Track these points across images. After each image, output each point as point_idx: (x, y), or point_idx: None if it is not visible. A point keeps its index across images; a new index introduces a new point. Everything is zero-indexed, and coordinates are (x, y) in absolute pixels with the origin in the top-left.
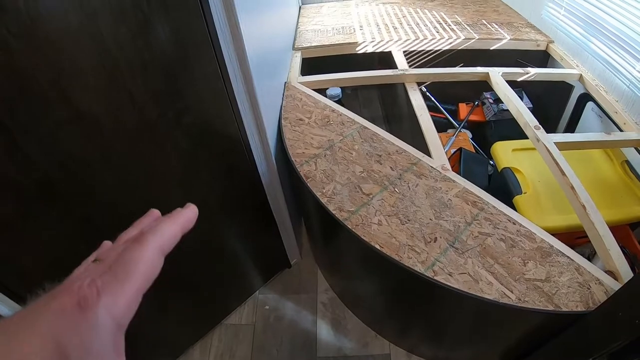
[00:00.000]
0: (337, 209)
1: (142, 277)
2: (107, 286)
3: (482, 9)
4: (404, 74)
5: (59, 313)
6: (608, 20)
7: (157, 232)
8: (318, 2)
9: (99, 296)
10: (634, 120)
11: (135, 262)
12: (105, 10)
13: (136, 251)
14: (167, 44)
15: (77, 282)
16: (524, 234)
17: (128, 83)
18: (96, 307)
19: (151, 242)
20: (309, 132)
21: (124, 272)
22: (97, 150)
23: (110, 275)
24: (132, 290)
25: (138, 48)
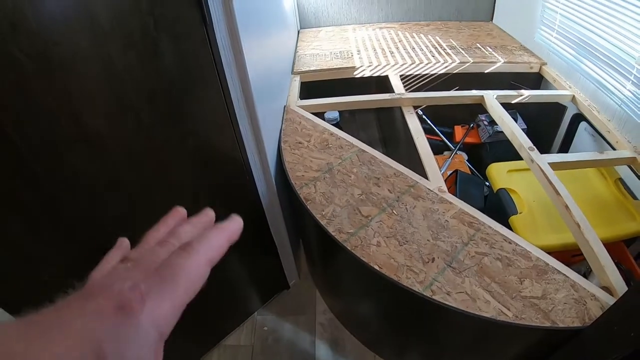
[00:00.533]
0: (337, 230)
1: (189, 287)
2: (152, 291)
3: (476, 32)
4: (400, 98)
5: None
6: (599, 42)
7: (207, 243)
8: (316, 27)
9: (143, 302)
10: (626, 138)
11: (184, 270)
12: (116, 35)
13: (185, 259)
14: (173, 69)
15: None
16: (519, 253)
17: (135, 106)
18: (140, 313)
19: (201, 252)
20: (308, 155)
21: (172, 279)
22: (103, 171)
23: (155, 281)
24: (178, 299)
25: (146, 72)
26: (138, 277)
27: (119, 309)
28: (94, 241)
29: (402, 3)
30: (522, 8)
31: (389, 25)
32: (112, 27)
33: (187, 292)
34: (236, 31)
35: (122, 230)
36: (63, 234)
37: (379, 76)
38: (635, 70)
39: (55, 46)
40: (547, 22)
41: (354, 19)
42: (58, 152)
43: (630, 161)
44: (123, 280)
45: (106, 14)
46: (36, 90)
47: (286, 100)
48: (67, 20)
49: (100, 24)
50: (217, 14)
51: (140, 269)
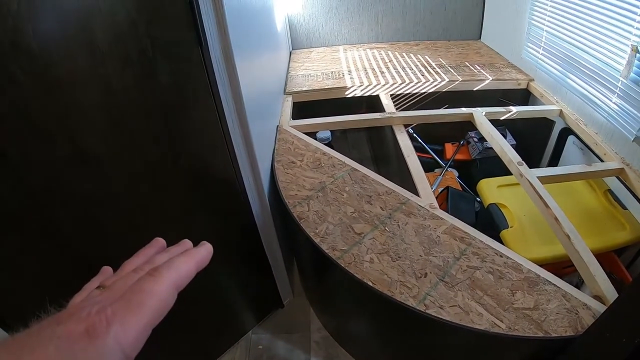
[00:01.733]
0: (330, 248)
1: (155, 311)
2: (117, 315)
3: (464, 51)
4: (391, 117)
5: (66, 339)
6: (584, 57)
7: (173, 268)
8: (308, 47)
9: (109, 325)
10: (613, 150)
11: (149, 294)
12: (113, 56)
13: (151, 283)
14: (169, 90)
15: (85, 309)
16: (511, 266)
17: (131, 125)
18: (106, 335)
19: (166, 277)
20: (301, 175)
21: (137, 303)
22: (98, 188)
23: (121, 305)
24: (143, 322)
25: (142, 93)
26: (106, 302)
27: (86, 333)
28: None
29: (391, 23)
30: (509, 26)
31: (379, 45)
32: (109, 49)
33: (153, 315)
34: (230, 53)
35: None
36: (59, 250)
37: (370, 95)
38: (620, 84)
39: (54, 66)
40: (534, 39)
41: (345, 39)
42: (55, 170)
43: (618, 172)
44: (92, 305)
45: (104, 35)
46: (35, 109)
47: (279, 120)
48: (67, 41)
49: (98, 45)
50: (212, 36)
51: (110, 294)
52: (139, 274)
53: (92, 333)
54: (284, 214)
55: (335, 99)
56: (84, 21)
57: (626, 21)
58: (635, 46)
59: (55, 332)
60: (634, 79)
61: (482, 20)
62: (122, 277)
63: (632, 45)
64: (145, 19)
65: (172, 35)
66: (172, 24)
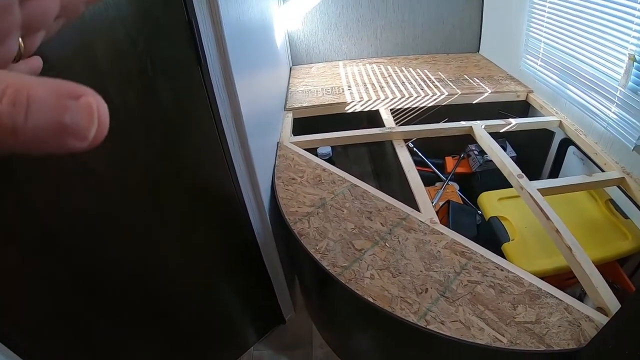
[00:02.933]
0: (331, 264)
1: None
2: None
3: (463, 64)
4: (391, 132)
5: None
6: (582, 67)
7: None
8: (308, 63)
9: None
10: (614, 159)
11: None
12: (114, 74)
13: None
14: (169, 107)
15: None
16: (512, 280)
17: (132, 142)
18: None
19: None
20: (301, 191)
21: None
22: (100, 204)
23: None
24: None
25: (143, 110)
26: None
27: None
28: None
29: (391, 38)
30: (507, 38)
31: (378, 59)
32: (110, 67)
33: None
34: (230, 71)
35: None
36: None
37: (370, 110)
38: (618, 93)
39: None
40: (532, 50)
41: (344, 54)
42: (56, 186)
43: (619, 182)
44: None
45: (105, 53)
46: None
47: (279, 137)
48: (67, 59)
49: (99, 63)
50: (212, 55)
51: None
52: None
53: None
54: (284, 230)
55: (335, 114)
56: (84, 39)
57: (623, 30)
58: (632, 55)
59: None
60: (632, 88)
61: (480, 33)
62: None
63: (629, 54)
64: (145, 37)
65: (172, 54)
66: (171, 43)
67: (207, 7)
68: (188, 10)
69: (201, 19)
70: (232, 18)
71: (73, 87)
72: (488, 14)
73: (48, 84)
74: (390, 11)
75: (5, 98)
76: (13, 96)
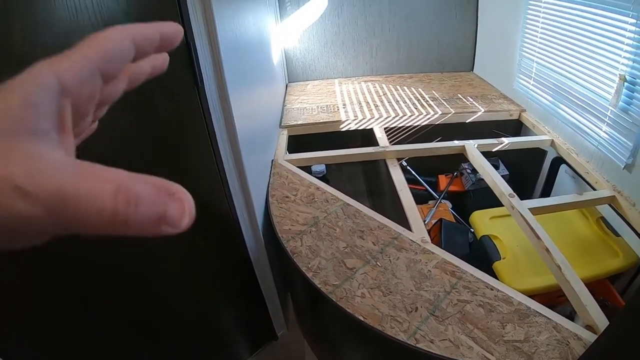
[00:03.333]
0: (322, 283)
1: (94, 48)
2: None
3: (457, 83)
4: (384, 151)
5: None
6: (574, 87)
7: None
8: (304, 80)
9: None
10: (605, 178)
11: (95, 37)
12: None
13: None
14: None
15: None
16: (501, 299)
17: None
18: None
19: (117, 27)
20: (295, 209)
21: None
22: None
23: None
24: (78, 56)
25: (139, 131)
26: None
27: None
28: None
29: (386, 56)
30: (500, 58)
31: (373, 78)
32: None
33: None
34: (226, 92)
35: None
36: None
37: (365, 129)
38: (609, 112)
39: None
40: (525, 70)
41: (340, 72)
42: None
43: (610, 200)
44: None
45: None
46: None
47: (274, 154)
48: None
49: None
50: (209, 76)
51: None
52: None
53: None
54: (277, 248)
55: (330, 132)
56: None
57: (614, 51)
58: (623, 75)
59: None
60: (622, 108)
61: (474, 53)
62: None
63: (620, 75)
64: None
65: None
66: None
67: (206, 30)
68: (186, 32)
69: (199, 42)
70: (230, 38)
71: (169, 185)
72: (482, 34)
73: (149, 183)
74: (385, 30)
75: (120, 197)
76: (126, 195)
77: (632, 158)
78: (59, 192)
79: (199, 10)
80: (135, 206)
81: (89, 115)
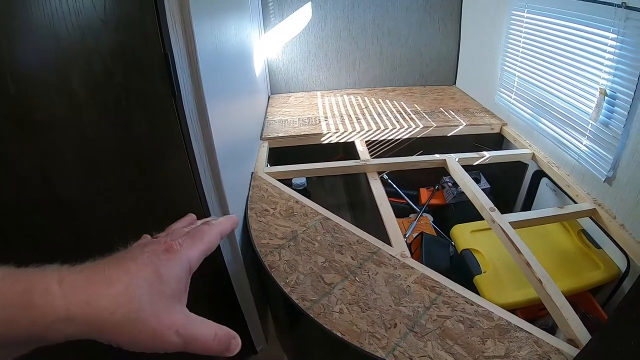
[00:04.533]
0: (300, 298)
1: (209, 243)
2: (185, 242)
3: (439, 97)
4: (365, 164)
5: (152, 253)
6: (555, 101)
7: (218, 222)
8: (286, 92)
9: (181, 247)
10: (585, 191)
11: (206, 233)
12: (90, 104)
13: (206, 227)
14: (143, 139)
15: (160, 240)
16: (481, 314)
17: (104, 173)
18: (179, 252)
19: (216, 225)
20: (273, 223)
21: (198, 237)
22: (71, 234)
23: (187, 238)
24: (202, 248)
25: (116, 141)
26: (174, 237)
27: (167, 250)
28: None
29: (369, 69)
30: (482, 71)
31: (356, 91)
32: (87, 97)
33: (208, 246)
34: (204, 103)
35: None
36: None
37: (346, 141)
38: (590, 126)
39: (33, 111)
40: (506, 84)
41: (322, 85)
42: (27, 214)
43: (590, 213)
44: (164, 238)
45: (82, 83)
46: (11, 153)
47: (254, 167)
48: (45, 87)
49: (75, 92)
50: (186, 87)
51: (173, 236)
52: (187, 229)
53: (170, 250)
54: (256, 262)
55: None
56: (62, 69)
57: (595, 65)
58: (603, 89)
59: (144, 249)
60: (603, 121)
61: (456, 66)
62: (176, 229)
63: (600, 89)
64: (122, 69)
65: (147, 86)
66: (147, 75)
67: (184, 41)
68: (165, 43)
69: (177, 52)
70: (209, 49)
71: (231, 332)
72: (464, 48)
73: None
74: (369, 43)
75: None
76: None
77: (612, 171)
78: (194, 334)
79: (178, 20)
80: (222, 344)
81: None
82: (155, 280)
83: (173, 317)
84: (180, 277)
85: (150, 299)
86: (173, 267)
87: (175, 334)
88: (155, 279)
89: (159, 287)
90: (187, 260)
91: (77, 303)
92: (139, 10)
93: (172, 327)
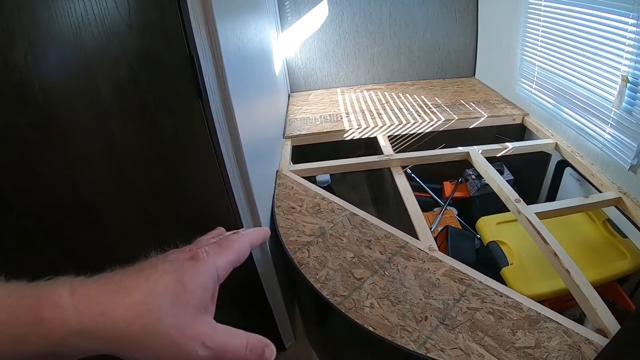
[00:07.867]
0: (331, 294)
1: (238, 252)
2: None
3: (459, 89)
4: (389, 159)
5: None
6: (576, 89)
7: (248, 232)
8: (306, 90)
9: (208, 255)
10: (610, 180)
11: (235, 242)
12: (116, 110)
13: (235, 237)
14: (170, 142)
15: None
16: (511, 305)
17: (132, 177)
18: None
19: (245, 235)
20: (300, 220)
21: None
22: (99, 239)
23: (214, 246)
24: (231, 257)
25: (143, 145)
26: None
27: (191, 258)
28: None
29: (387, 64)
30: (502, 62)
31: (375, 86)
32: (112, 102)
33: (237, 256)
34: (230, 103)
35: None
36: None
37: (368, 137)
38: (612, 114)
39: (59, 119)
40: (526, 74)
41: (342, 81)
42: (57, 221)
43: (616, 202)
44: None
45: (107, 89)
46: (39, 161)
47: (278, 165)
48: (71, 95)
49: (101, 98)
50: (212, 88)
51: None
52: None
53: (196, 257)
54: (284, 259)
55: (334, 142)
56: (88, 76)
57: (616, 52)
58: (625, 76)
59: (167, 257)
60: (625, 109)
61: (475, 58)
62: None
63: (622, 75)
64: (148, 74)
65: (173, 89)
66: (173, 78)
67: (208, 42)
68: (189, 45)
69: (202, 54)
70: (233, 50)
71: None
72: (483, 39)
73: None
74: (386, 38)
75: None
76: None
77: (636, 159)
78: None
79: (202, 23)
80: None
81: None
82: (178, 289)
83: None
84: (206, 285)
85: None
86: (198, 275)
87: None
88: (178, 287)
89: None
90: (215, 268)
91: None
92: (163, 13)
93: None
